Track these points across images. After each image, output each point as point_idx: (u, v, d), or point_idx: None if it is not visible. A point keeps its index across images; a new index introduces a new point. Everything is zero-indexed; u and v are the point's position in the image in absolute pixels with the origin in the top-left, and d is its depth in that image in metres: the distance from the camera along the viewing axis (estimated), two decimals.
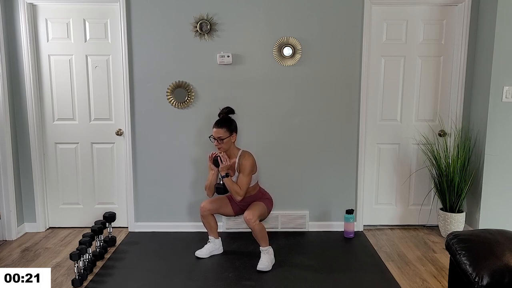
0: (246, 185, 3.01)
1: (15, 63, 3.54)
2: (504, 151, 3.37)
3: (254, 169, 3.08)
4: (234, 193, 3.01)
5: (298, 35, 3.50)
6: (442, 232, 3.62)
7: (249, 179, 3.03)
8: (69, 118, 3.69)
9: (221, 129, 2.99)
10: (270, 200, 3.21)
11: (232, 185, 3.00)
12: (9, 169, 3.53)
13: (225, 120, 3.06)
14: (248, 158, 3.04)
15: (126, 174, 3.71)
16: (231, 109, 3.16)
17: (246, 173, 3.01)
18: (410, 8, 3.55)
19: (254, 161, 3.07)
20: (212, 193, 3.16)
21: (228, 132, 3.01)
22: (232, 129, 3.05)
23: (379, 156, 3.76)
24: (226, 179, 3.00)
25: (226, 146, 3.02)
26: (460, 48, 3.54)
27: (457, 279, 2.01)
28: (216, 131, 3.00)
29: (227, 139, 3.01)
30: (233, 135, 3.06)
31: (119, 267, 3.07)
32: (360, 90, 3.57)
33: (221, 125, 3.01)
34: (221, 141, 2.99)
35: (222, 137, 2.99)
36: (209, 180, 3.13)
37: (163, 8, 3.47)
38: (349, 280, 2.85)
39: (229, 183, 3.00)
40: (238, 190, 2.99)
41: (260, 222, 3.01)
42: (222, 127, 3.00)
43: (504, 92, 3.30)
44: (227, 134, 3.00)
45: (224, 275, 2.92)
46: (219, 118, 3.10)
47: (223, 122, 3.04)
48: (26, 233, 3.73)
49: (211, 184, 3.12)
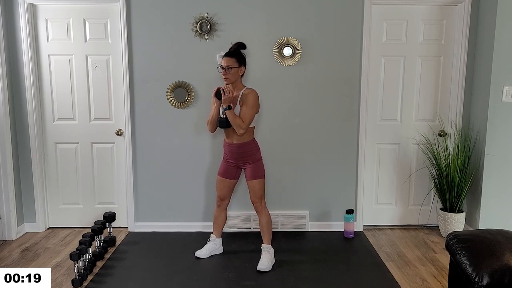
0: (250, 118, 2.93)
1: (15, 63, 3.54)
2: (504, 151, 3.37)
3: (257, 106, 3.00)
4: (236, 126, 2.91)
5: (298, 35, 3.50)
6: (442, 232, 3.62)
7: (253, 112, 2.94)
8: (69, 118, 3.69)
9: (231, 59, 2.93)
10: (261, 161, 3.10)
11: (234, 118, 2.90)
12: (9, 169, 3.53)
13: (236, 52, 3.01)
14: (252, 92, 2.96)
15: (126, 174, 3.71)
16: (242, 44, 3.07)
17: (250, 106, 2.92)
18: (410, 8, 3.55)
19: (258, 97, 2.99)
20: (214, 128, 3.09)
21: (237, 63, 2.94)
22: (242, 62, 2.98)
23: (379, 156, 3.76)
24: (228, 112, 2.90)
25: (233, 77, 2.94)
26: (460, 48, 3.54)
27: (457, 279, 2.01)
28: (226, 60, 2.93)
29: (235, 70, 2.93)
30: (242, 68, 2.98)
31: (119, 267, 3.07)
32: (360, 90, 3.57)
33: (231, 55, 2.95)
34: (229, 70, 2.91)
35: (231, 66, 2.91)
36: (211, 114, 3.06)
37: (163, 8, 3.47)
38: (349, 280, 2.85)
39: (231, 116, 2.90)
40: (240, 123, 2.90)
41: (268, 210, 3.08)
42: (233, 57, 2.94)
43: (504, 92, 3.30)
44: (236, 64, 2.93)
45: (224, 275, 2.92)
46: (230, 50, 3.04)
47: (234, 53, 2.99)
48: (26, 233, 3.73)
49: (213, 118, 3.04)
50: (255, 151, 3.08)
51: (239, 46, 3.04)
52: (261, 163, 3.11)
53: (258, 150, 3.11)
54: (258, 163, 3.08)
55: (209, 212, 3.65)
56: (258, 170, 3.06)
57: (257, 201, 3.04)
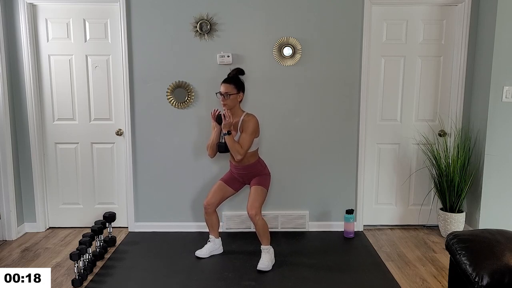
0: (248, 144, 2.96)
1: (15, 63, 3.54)
2: (504, 151, 3.37)
3: (257, 132, 3.03)
4: (234, 151, 2.95)
5: (298, 35, 3.50)
6: (442, 232, 3.62)
7: (251, 139, 2.97)
8: (69, 118, 3.69)
9: (229, 85, 2.97)
10: (268, 176, 3.16)
11: (234, 144, 2.94)
12: (9, 169, 3.53)
13: (235, 78, 3.05)
14: (252, 119, 3.00)
15: (126, 174, 3.71)
16: (241, 70, 3.13)
17: (249, 132, 2.96)
18: (410, 8, 3.55)
19: (258, 124, 3.02)
20: (214, 153, 3.12)
21: (236, 89, 2.99)
22: (240, 88, 3.02)
23: (379, 156, 3.76)
24: (228, 137, 2.94)
25: (231, 103, 2.98)
26: (460, 48, 3.54)
27: (457, 279, 2.01)
28: (225, 86, 2.98)
29: (234, 96, 2.97)
30: (240, 94, 3.02)
31: (119, 267, 3.07)
32: (360, 90, 3.57)
33: (230, 82, 3.00)
34: (227, 96, 2.95)
35: (230, 92, 2.95)
36: (211, 139, 3.10)
37: (163, 8, 3.47)
38: (349, 280, 2.85)
39: (230, 142, 2.94)
40: (239, 148, 2.94)
41: (262, 218, 3.01)
42: (231, 84, 2.98)
43: (504, 92, 3.30)
44: (235, 91, 2.98)
45: (224, 275, 2.92)
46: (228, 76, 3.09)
47: (232, 79, 3.03)
48: (26, 233, 3.73)
49: (212, 142, 3.08)
50: (261, 169, 3.14)
51: (237, 72, 3.09)
52: (269, 177, 3.16)
53: (265, 167, 3.18)
54: (265, 176, 3.14)
55: None
56: (264, 180, 3.11)
57: (252, 209, 2.94)
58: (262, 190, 3.05)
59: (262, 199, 3.04)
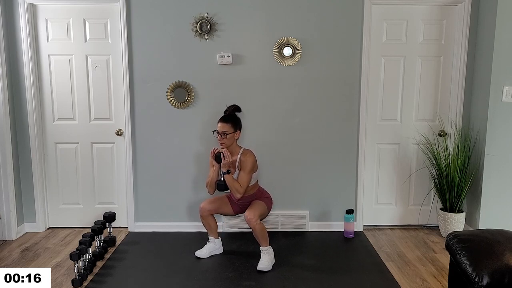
0: (247, 183, 3.02)
1: (15, 63, 3.54)
2: (504, 151, 3.37)
3: (255, 168, 3.09)
4: (234, 190, 3.01)
5: (298, 35, 3.50)
6: (442, 232, 3.62)
7: (250, 177, 3.04)
8: (69, 118, 3.69)
9: (226, 124, 3.01)
10: (269, 199, 3.22)
11: (233, 183, 3.00)
12: (9, 169, 3.53)
13: (231, 117, 3.09)
14: (250, 157, 3.05)
15: (126, 174, 3.71)
16: (237, 107, 3.20)
17: (247, 171, 3.02)
18: (410, 8, 3.55)
19: (255, 160, 3.09)
20: (214, 190, 3.17)
21: (233, 128, 3.03)
22: (237, 126, 3.07)
23: (379, 156, 3.76)
24: (227, 176, 3.00)
25: (229, 142, 3.03)
26: (460, 48, 3.54)
27: (457, 279, 2.01)
28: (222, 125, 3.01)
29: (231, 135, 3.02)
30: (237, 132, 3.07)
31: (119, 267, 3.07)
32: (360, 90, 3.57)
33: (226, 121, 3.03)
34: (224, 136, 3.00)
35: (227, 132, 3.00)
36: (210, 177, 3.15)
37: (163, 8, 3.47)
38: (349, 280, 2.85)
39: (230, 180, 3.01)
40: (238, 187, 3.00)
41: (260, 222, 3.01)
42: (228, 123, 3.02)
43: (504, 92, 3.30)
44: (232, 130, 3.02)
45: (224, 275, 2.92)
46: (225, 114, 3.13)
47: (229, 117, 3.07)
48: (26, 233, 3.73)
49: (212, 180, 3.13)
50: (261, 195, 3.21)
51: (234, 110, 3.13)
52: (270, 200, 3.23)
53: (265, 192, 3.25)
54: (267, 199, 3.21)
55: None
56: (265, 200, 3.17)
57: (251, 214, 2.93)
58: (262, 204, 3.10)
59: (262, 211, 3.06)
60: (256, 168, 3.10)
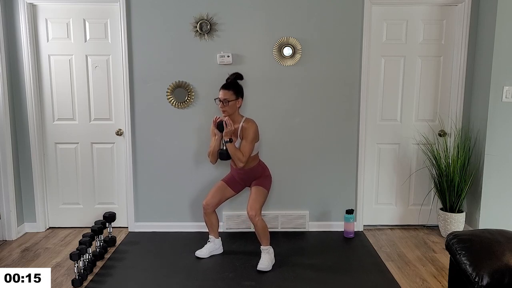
0: (249, 152, 2.97)
1: (15, 63, 3.54)
2: (504, 151, 3.37)
3: (257, 137, 3.04)
4: (236, 159, 2.96)
5: (298, 35, 3.50)
6: (442, 232, 3.62)
7: (252, 146, 2.98)
8: (69, 118, 3.69)
9: (228, 91, 2.96)
10: (269, 178, 3.17)
11: (235, 151, 2.95)
12: (9, 169, 3.53)
13: (233, 84, 3.04)
14: (252, 125, 3.00)
15: (126, 174, 3.71)
16: (239, 75, 3.12)
17: (249, 140, 2.97)
18: (410, 8, 3.55)
19: (257, 129, 3.03)
20: (215, 159, 3.12)
21: (235, 95, 2.98)
22: (239, 94, 3.02)
23: (379, 156, 3.76)
24: (229, 145, 2.95)
25: (231, 109, 2.98)
26: (460, 48, 3.54)
27: (457, 279, 2.01)
28: (223, 92, 2.97)
29: (233, 102, 2.97)
30: (239, 100, 3.02)
31: (119, 267, 3.07)
32: (360, 90, 3.57)
33: (228, 88, 2.98)
34: (226, 103, 2.95)
35: (228, 99, 2.95)
36: (211, 146, 3.10)
37: (163, 8, 3.47)
38: (349, 280, 2.85)
39: (232, 149, 2.95)
40: (240, 156, 2.95)
41: (262, 219, 3.01)
42: (230, 90, 2.97)
43: (504, 92, 3.30)
44: (234, 97, 2.97)
45: (224, 275, 2.92)
46: (227, 82, 3.07)
47: (231, 85, 3.02)
48: (26, 233, 3.73)
49: (214, 150, 3.09)
50: (262, 171, 3.16)
51: (236, 77, 3.08)
52: (270, 179, 3.17)
53: (266, 169, 3.19)
54: (266, 178, 3.16)
55: None
56: (265, 181, 3.13)
57: (252, 210, 2.96)
58: (262, 191, 3.06)
59: (263, 200, 3.05)
60: (258, 138, 3.05)
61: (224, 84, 3.03)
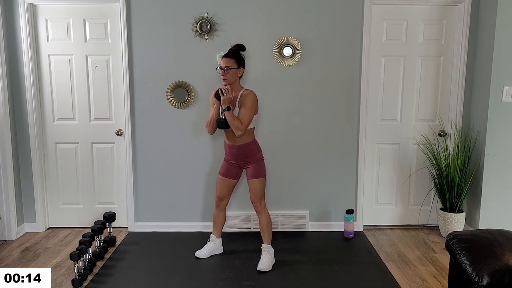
0: (248, 119, 2.94)
1: (15, 63, 3.54)
2: (504, 151, 3.37)
3: (256, 108, 3.02)
4: (234, 127, 2.93)
5: (298, 35, 3.50)
6: (442, 232, 3.62)
7: (251, 114, 2.96)
8: (69, 118, 3.69)
9: (230, 59, 2.95)
10: (262, 161, 3.13)
11: (233, 120, 2.92)
12: (9, 169, 3.53)
13: (235, 53, 3.03)
14: (251, 94, 2.98)
15: (126, 174, 3.71)
16: (242, 46, 3.10)
17: (248, 107, 2.94)
18: (410, 8, 3.55)
19: (257, 99, 3.01)
20: (214, 129, 3.10)
21: (236, 63, 2.96)
22: (241, 63, 3.00)
23: (379, 156, 3.76)
24: (227, 113, 2.92)
25: (231, 78, 2.95)
26: (460, 48, 3.54)
27: (457, 279, 2.01)
28: (225, 60, 2.95)
29: (234, 71, 2.95)
30: (241, 69, 3.00)
31: (119, 267, 3.07)
32: (360, 90, 3.57)
33: (230, 56, 2.97)
34: (228, 70, 2.93)
35: (230, 66, 2.93)
36: (210, 116, 3.08)
37: (163, 8, 3.47)
38: (349, 280, 2.85)
39: (230, 117, 2.92)
40: (238, 124, 2.92)
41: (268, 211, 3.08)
42: (232, 58, 2.96)
43: (504, 92, 3.30)
44: (235, 65, 2.95)
45: (224, 275, 2.92)
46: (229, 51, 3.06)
47: (233, 53, 3.01)
48: (26, 233, 3.73)
49: (212, 119, 3.06)
50: (256, 151, 3.09)
51: (238, 48, 3.06)
52: (263, 163, 3.12)
53: (259, 151, 3.12)
54: (259, 163, 3.09)
55: (209, 212, 3.64)
56: (259, 169, 3.08)
57: (257, 201, 3.05)
58: (260, 182, 3.06)
59: (263, 189, 3.08)
60: (257, 110, 3.03)
61: (226, 53, 3.02)
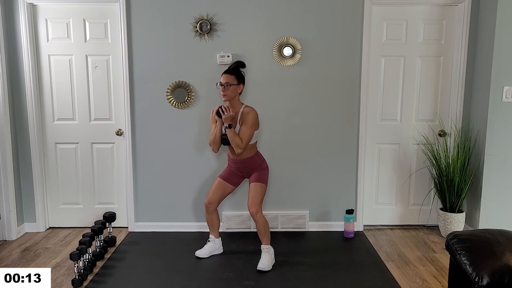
0: (248, 137, 2.96)
1: (15, 63, 3.54)
2: (504, 151, 3.37)
3: (257, 125, 3.03)
4: (235, 145, 2.95)
5: (298, 35, 3.50)
6: (442, 232, 3.62)
7: (252, 132, 2.97)
8: (69, 118, 3.69)
9: (230, 76, 2.97)
10: (266, 171, 3.15)
11: (234, 137, 2.94)
12: (9, 169, 3.53)
13: (236, 70, 3.05)
14: (252, 112, 2.99)
15: (126, 174, 3.71)
16: (242, 62, 3.12)
17: (249, 125, 2.96)
18: (410, 8, 3.55)
19: (257, 116, 3.03)
20: (218, 147, 3.09)
21: (237, 80, 2.99)
22: (241, 79, 3.03)
23: (379, 156, 3.76)
24: (229, 130, 2.94)
25: (231, 94, 2.98)
26: (460, 48, 3.54)
27: (457, 279, 2.01)
28: (225, 76, 2.98)
29: (234, 87, 2.97)
30: (241, 85, 3.02)
31: (119, 267, 3.07)
32: (360, 90, 3.57)
33: (230, 72, 3.00)
34: (228, 86, 2.95)
35: (230, 83, 2.95)
36: (213, 134, 3.08)
37: (163, 8, 3.47)
38: (349, 280, 2.85)
39: (231, 135, 2.95)
40: (239, 142, 2.94)
41: (263, 215, 3.03)
42: (232, 74, 2.99)
43: (504, 92, 3.30)
44: (235, 81, 2.98)
45: (224, 275, 2.92)
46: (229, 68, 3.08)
47: (233, 70, 3.03)
48: (26, 233, 3.73)
49: (215, 137, 3.06)
50: (260, 162, 3.12)
51: (238, 65, 3.09)
52: (267, 172, 3.14)
53: (263, 161, 3.16)
54: (264, 171, 3.12)
55: None
56: (263, 176, 3.10)
57: (253, 207, 2.98)
58: (261, 187, 3.05)
59: (262, 195, 3.05)
60: (258, 126, 3.04)
61: (226, 69, 3.04)
